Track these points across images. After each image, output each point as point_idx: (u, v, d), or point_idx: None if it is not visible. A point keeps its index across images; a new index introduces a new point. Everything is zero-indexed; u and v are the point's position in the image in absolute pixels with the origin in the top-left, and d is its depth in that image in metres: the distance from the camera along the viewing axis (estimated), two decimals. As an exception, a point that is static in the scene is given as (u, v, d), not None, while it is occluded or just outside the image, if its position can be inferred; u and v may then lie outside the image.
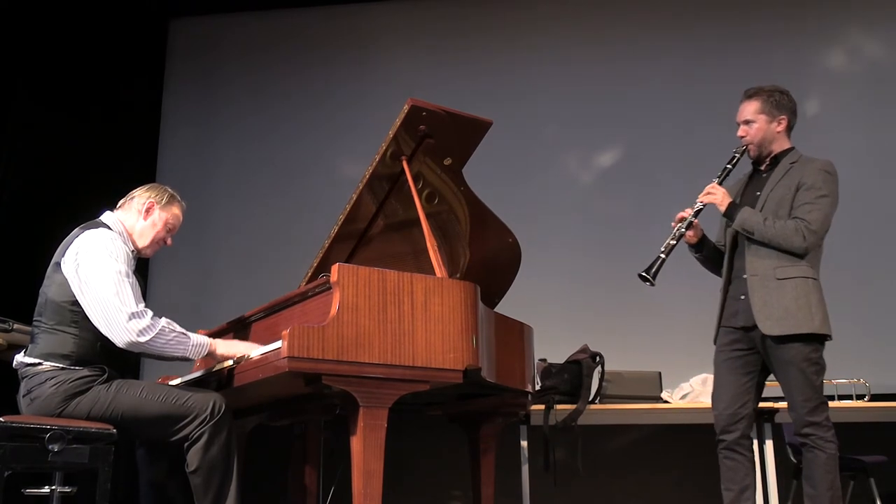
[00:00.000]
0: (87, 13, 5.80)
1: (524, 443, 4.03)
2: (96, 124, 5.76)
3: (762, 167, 3.22)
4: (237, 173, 6.22)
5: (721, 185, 3.16)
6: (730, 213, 3.11)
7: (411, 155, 2.99)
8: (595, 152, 5.97)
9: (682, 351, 4.55)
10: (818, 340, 2.98)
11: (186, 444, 2.59)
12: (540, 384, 4.01)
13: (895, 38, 5.79)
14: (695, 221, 3.17)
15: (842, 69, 5.83)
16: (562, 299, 5.51)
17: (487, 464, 3.38)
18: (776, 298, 2.97)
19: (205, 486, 2.56)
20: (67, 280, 2.65)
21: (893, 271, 5.36)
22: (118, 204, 2.91)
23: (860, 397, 4.25)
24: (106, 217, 2.84)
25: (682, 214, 3.17)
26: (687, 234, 3.18)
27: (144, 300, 2.66)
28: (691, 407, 4.03)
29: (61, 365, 2.60)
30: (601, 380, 4.05)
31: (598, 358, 4.08)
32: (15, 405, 2.67)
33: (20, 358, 2.68)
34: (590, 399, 4.00)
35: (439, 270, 2.75)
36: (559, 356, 4.15)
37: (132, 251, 2.79)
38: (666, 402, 4.11)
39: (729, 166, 3.19)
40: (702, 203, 3.15)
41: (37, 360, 2.62)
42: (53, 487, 2.52)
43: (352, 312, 2.47)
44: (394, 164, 3.00)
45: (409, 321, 2.54)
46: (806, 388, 2.93)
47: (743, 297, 3.07)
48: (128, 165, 5.79)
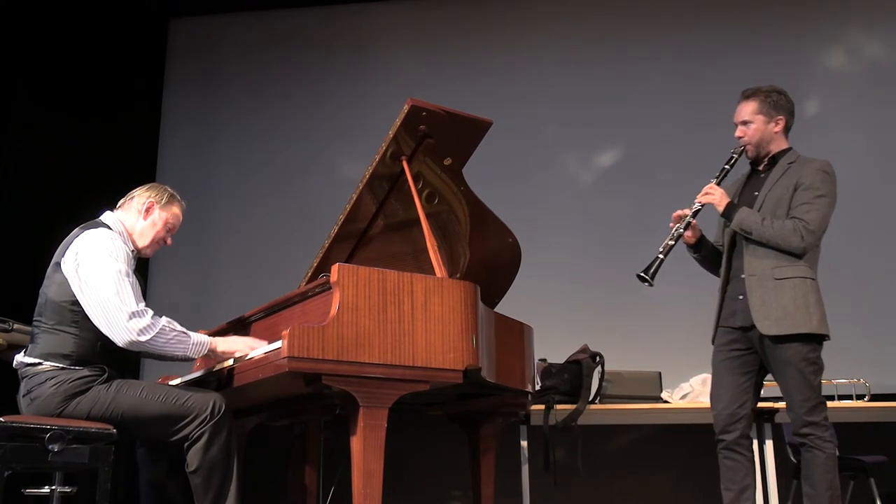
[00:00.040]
0: (87, 13, 5.80)
1: (524, 443, 4.03)
2: (96, 124, 5.76)
3: (760, 167, 3.22)
4: (237, 173, 6.22)
5: (719, 186, 3.17)
6: (728, 213, 3.11)
7: (411, 155, 2.98)
8: (595, 152, 5.97)
9: (682, 351, 4.54)
10: (816, 340, 2.99)
11: (186, 444, 2.59)
12: (540, 384, 4.01)
13: (895, 38, 5.79)
14: (693, 222, 3.17)
15: (842, 69, 5.83)
16: (562, 299, 5.51)
17: (487, 464, 3.38)
18: (774, 298, 2.97)
19: (205, 486, 2.56)
20: (67, 280, 2.65)
21: (893, 271, 5.36)
22: (118, 204, 2.91)
23: (860, 397, 4.25)
24: (106, 217, 2.84)
25: (680, 213, 3.17)
26: (685, 235, 3.18)
27: (144, 300, 2.66)
28: (691, 407, 4.03)
29: (61, 365, 2.60)
30: (601, 380, 4.05)
31: (598, 358, 4.08)
32: (15, 405, 2.67)
33: (20, 358, 2.68)
34: (590, 399, 4.00)
35: (439, 270, 2.75)
36: (559, 356, 4.15)
37: (132, 251, 2.79)
38: (666, 402, 4.11)
39: (727, 167, 3.20)
40: (700, 203, 3.16)
41: (37, 360, 2.62)
42: (53, 487, 2.52)
43: (352, 312, 2.47)
44: (394, 164, 3.00)
45: (409, 321, 2.54)
46: (804, 388, 2.93)
47: (741, 297, 3.08)
48: (128, 165, 5.79)
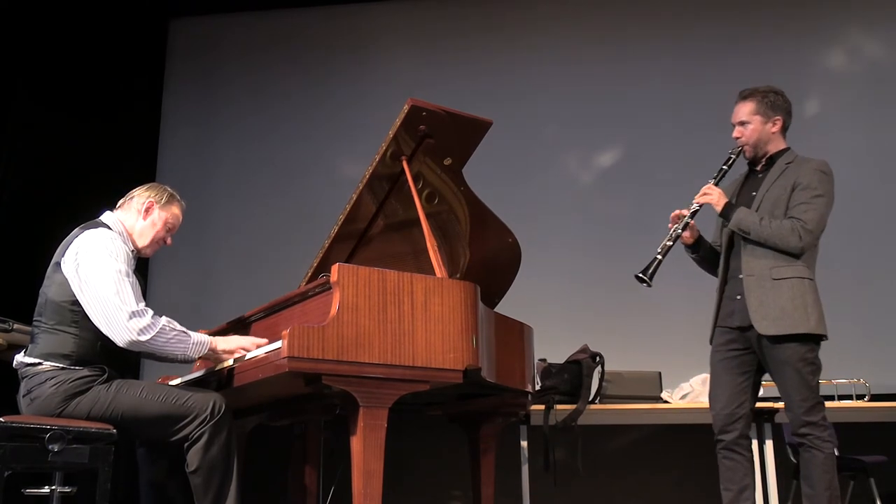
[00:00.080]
0: (87, 13, 5.80)
1: (524, 443, 4.03)
2: (96, 124, 5.75)
3: (758, 167, 3.23)
4: (237, 173, 6.22)
5: (717, 186, 3.17)
6: (726, 214, 3.12)
7: (411, 155, 2.98)
8: (595, 152, 5.97)
9: (682, 351, 4.54)
10: (814, 340, 2.99)
11: (186, 444, 2.59)
12: (540, 384, 4.01)
13: (895, 38, 5.79)
14: (691, 222, 3.18)
15: (842, 69, 5.83)
16: (562, 299, 5.50)
17: (487, 464, 3.38)
18: (772, 298, 2.98)
19: (205, 486, 2.56)
20: (67, 280, 2.65)
21: (893, 271, 5.36)
22: (118, 204, 2.91)
23: (860, 397, 4.26)
24: (106, 217, 2.84)
25: (678, 213, 3.18)
26: (683, 235, 3.19)
27: (144, 300, 2.66)
28: (691, 407, 4.03)
29: (61, 365, 2.60)
30: (601, 380, 4.05)
31: (598, 358, 4.08)
32: (15, 405, 2.67)
33: (20, 358, 2.68)
34: (590, 399, 4.00)
35: (439, 270, 2.75)
36: (559, 356, 4.15)
37: (132, 251, 2.79)
38: (666, 402, 4.11)
39: (725, 167, 3.21)
40: (698, 204, 3.16)
41: (37, 360, 2.62)
42: (53, 487, 2.52)
43: (352, 312, 2.47)
44: (394, 164, 3.00)
45: (409, 321, 2.54)
46: (802, 388, 2.94)
47: (739, 297, 3.08)
48: (128, 165, 5.79)
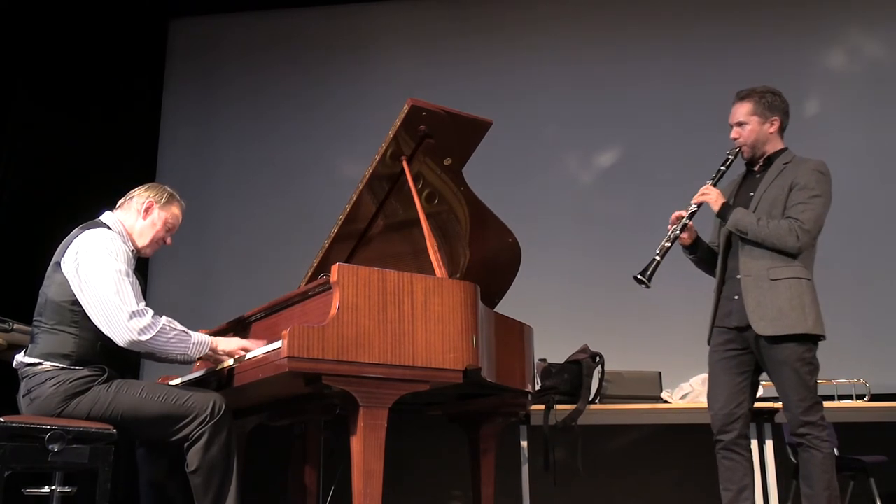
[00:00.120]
0: (87, 13, 5.80)
1: (524, 443, 4.03)
2: (96, 124, 5.76)
3: (756, 168, 3.23)
4: (237, 173, 6.22)
5: (715, 187, 3.17)
6: (723, 214, 3.12)
7: (411, 155, 2.98)
8: (595, 152, 5.97)
9: (682, 351, 4.53)
10: (812, 340, 2.99)
11: (186, 444, 2.59)
12: (540, 384, 4.01)
13: (895, 38, 5.79)
14: (689, 223, 3.18)
15: (842, 69, 5.83)
16: (562, 299, 5.50)
17: (487, 464, 3.38)
18: (770, 299, 2.98)
19: (205, 486, 2.56)
20: (67, 280, 2.65)
21: (893, 271, 5.36)
22: (118, 204, 2.91)
23: (860, 397, 4.26)
24: (105, 217, 2.84)
25: (678, 214, 3.18)
26: (681, 237, 3.19)
27: (144, 300, 2.66)
28: (691, 407, 4.03)
29: (61, 365, 2.60)
30: (601, 380, 4.05)
31: (598, 358, 4.08)
32: (15, 405, 2.67)
33: (20, 358, 2.68)
34: (590, 399, 4.00)
35: (439, 270, 2.75)
36: (559, 356, 4.15)
37: (132, 251, 2.79)
38: (666, 402, 4.11)
39: (723, 168, 3.21)
40: (696, 205, 3.16)
41: (37, 360, 2.62)
42: (53, 487, 2.52)
43: (352, 312, 2.47)
44: (394, 164, 3.00)
45: (409, 321, 2.54)
46: (800, 388, 2.94)
47: (737, 298, 3.08)
48: (128, 165, 5.79)
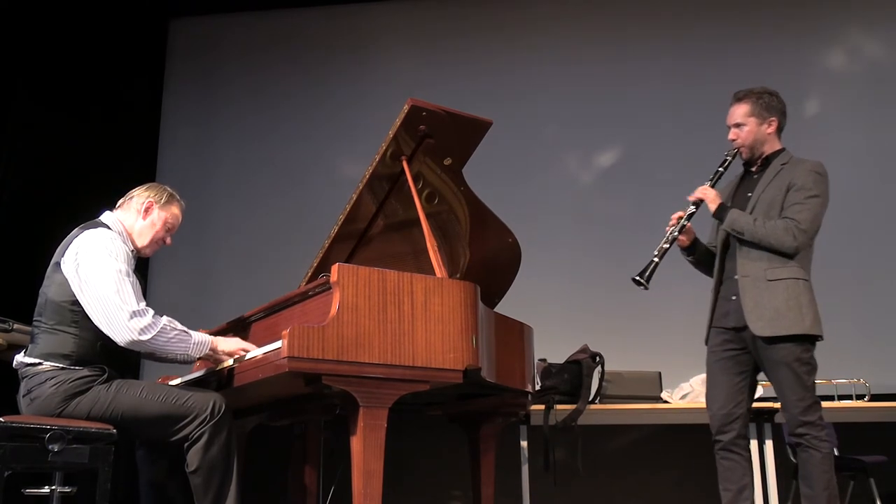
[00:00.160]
0: (87, 13, 5.80)
1: (524, 443, 4.03)
2: (96, 124, 5.76)
3: (753, 168, 3.23)
4: (237, 173, 6.22)
5: (713, 188, 3.18)
6: (720, 215, 3.13)
7: (411, 155, 2.98)
8: (595, 152, 5.97)
9: (682, 351, 4.52)
10: (809, 341, 2.99)
11: (186, 444, 2.59)
12: (540, 384, 4.01)
13: (895, 38, 5.79)
14: (687, 225, 3.18)
15: (842, 69, 5.83)
16: (562, 299, 5.50)
17: (487, 464, 3.38)
18: (767, 299, 2.98)
19: (205, 486, 2.56)
20: (67, 280, 2.65)
21: (893, 271, 5.36)
22: (117, 204, 2.91)
23: (860, 397, 4.25)
24: (105, 217, 2.84)
25: (679, 215, 3.18)
26: (679, 238, 3.19)
27: (144, 300, 2.66)
28: (691, 407, 4.03)
29: (61, 365, 2.60)
30: (601, 380, 4.05)
31: (598, 358, 4.08)
32: (15, 405, 2.67)
33: (20, 358, 2.68)
34: (590, 399, 4.00)
35: (439, 270, 2.75)
36: (559, 356, 4.15)
37: (132, 251, 2.79)
38: (666, 402, 4.11)
39: (721, 169, 3.21)
40: (693, 203, 3.17)
41: (37, 360, 2.62)
42: (53, 487, 2.52)
43: (352, 312, 2.47)
44: (394, 164, 3.00)
45: (409, 321, 2.54)
46: (798, 388, 2.94)
47: (734, 298, 3.08)
48: (128, 165, 5.79)
